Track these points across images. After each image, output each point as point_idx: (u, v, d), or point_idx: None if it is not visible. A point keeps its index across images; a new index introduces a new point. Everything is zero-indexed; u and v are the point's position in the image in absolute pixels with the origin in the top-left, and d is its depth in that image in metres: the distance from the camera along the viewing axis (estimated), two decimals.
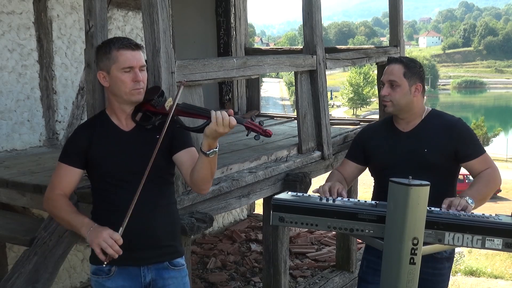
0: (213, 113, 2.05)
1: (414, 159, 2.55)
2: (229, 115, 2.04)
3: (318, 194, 2.40)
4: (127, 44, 2.22)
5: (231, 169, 3.51)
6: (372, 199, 2.52)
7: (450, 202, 2.29)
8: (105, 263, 2.09)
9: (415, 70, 2.61)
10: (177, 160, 2.29)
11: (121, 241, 2.06)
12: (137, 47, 2.24)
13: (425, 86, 2.72)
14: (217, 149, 2.11)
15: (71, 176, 2.26)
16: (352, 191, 4.71)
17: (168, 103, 2.24)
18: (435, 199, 2.28)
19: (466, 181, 23.80)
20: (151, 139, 2.20)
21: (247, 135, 2.16)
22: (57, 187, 2.26)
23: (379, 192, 2.63)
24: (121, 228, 2.07)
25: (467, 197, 2.34)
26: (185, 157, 2.27)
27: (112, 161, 2.24)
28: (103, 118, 2.33)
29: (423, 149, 2.55)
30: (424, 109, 2.67)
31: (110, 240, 2.05)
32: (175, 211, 2.43)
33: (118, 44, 2.22)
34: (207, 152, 2.09)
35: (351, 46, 5.98)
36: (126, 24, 5.13)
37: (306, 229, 5.93)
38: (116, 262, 2.24)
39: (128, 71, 2.20)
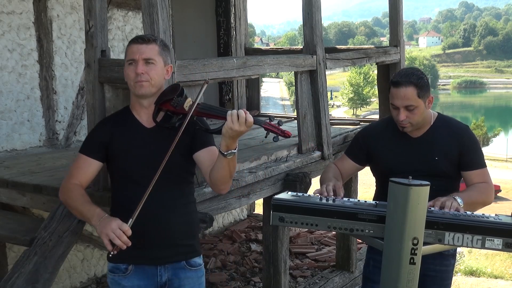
0: (229, 112, 2.04)
1: (423, 166, 2.52)
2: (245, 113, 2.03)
3: (319, 195, 2.39)
4: (136, 38, 2.28)
5: None
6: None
7: (442, 203, 2.29)
8: (111, 253, 2.07)
9: (424, 85, 2.52)
10: (197, 159, 2.29)
11: (129, 232, 2.05)
12: (144, 40, 2.25)
13: None
14: (235, 150, 2.10)
15: (89, 167, 2.28)
16: (352, 191, 4.71)
17: (187, 103, 2.21)
18: None
19: None
20: (171, 137, 2.18)
21: (265, 137, 2.14)
22: (74, 177, 2.27)
23: (383, 194, 2.54)
24: (130, 220, 2.07)
25: (457, 197, 2.34)
26: (205, 156, 2.27)
27: (131, 157, 2.26)
28: (126, 113, 2.35)
29: (434, 157, 2.53)
30: (431, 114, 2.64)
31: (118, 231, 2.04)
32: (193, 210, 2.42)
33: (131, 40, 2.30)
34: (225, 153, 2.08)
35: (351, 46, 5.98)
36: (126, 24, 5.13)
37: (306, 229, 5.93)
38: (132, 261, 2.27)
39: (131, 63, 2.23)
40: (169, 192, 2.26)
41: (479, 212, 2.27)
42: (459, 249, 10.30)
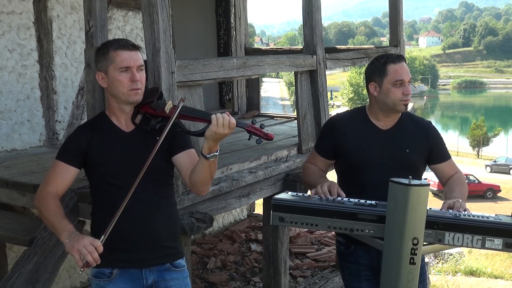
0: (213, 115, 2.05)
1: (395, 159, 2.51)
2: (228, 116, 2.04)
3: (317, 196, 2.38)
4: (124, 44, 2.22)
5: (231, 169, 3.51)
6: None
7: (452, 204, 2.30)
8: (82, 269, 2.04)
9: None
10: (176, 162, 2.29)
11: (101, 249, 2.03)
12: (134, 47, 2.23)
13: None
14: (217, 153, 2.11)
15: (66, 175, 2.24)
16: None
17: (168, 106, 2.22)
18: None
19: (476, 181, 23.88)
20: (151, 141, 2.19)
21: (248, 139, 2.15)
22: (51, 184, 2.24)
23: (354, 191, 2.43)
24: (102, 236, 2.05)
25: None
26: (184, 159, 2.27)
27: (111, 162, 2.23)
28: (103, 119, 2.32)
29: (405, 149, 2.53)
30: None
31: (90, 247, 2.01)
32: (175, 212, 2.42)
33: (116, 45, 2.22)
34: (208, 156, 2.08)
35: (351, 46, 5.97)
36: (126, 24, 5.13)
37: (306, 229, 5.93)
38: (117, 265, 2.24)
39: (125, 71, 2.19)
40: (151, 194, 2.24)
41: (479, 212, 2.27)
42: (459, 249, 10.31)
